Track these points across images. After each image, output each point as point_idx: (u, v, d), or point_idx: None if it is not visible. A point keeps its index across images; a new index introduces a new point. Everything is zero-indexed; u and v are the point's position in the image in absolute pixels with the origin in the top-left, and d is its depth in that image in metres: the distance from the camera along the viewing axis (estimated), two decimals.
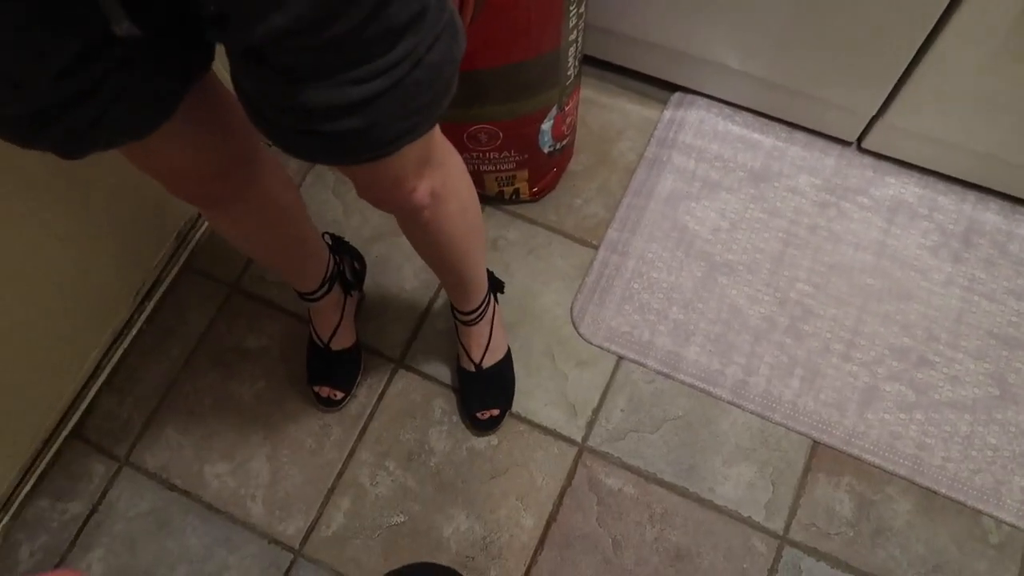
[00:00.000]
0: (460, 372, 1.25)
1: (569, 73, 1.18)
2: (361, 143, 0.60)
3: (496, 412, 1.23)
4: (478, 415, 1.23)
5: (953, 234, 1.33)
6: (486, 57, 1.06)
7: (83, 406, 1.30)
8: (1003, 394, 1.23)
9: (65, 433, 1.28)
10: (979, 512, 1.16)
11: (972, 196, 1.35)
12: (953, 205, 1.35)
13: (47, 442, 1.26)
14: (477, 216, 0.96)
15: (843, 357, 1.26)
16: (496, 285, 1.23)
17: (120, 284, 1.31)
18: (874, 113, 1.28)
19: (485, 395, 1.24)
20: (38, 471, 1.25)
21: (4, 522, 1.22)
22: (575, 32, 1.11)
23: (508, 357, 1.26)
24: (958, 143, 1.27)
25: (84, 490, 1.25)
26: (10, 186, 1.02)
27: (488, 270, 1.19)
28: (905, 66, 1.16)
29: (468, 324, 1.19)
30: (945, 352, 1.26)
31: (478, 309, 1.16)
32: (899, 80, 1.20)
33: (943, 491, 1.17)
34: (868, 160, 1.39)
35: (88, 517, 1.23)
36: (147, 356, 1.33)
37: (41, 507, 1.24)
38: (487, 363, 1.22)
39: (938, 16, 1.06)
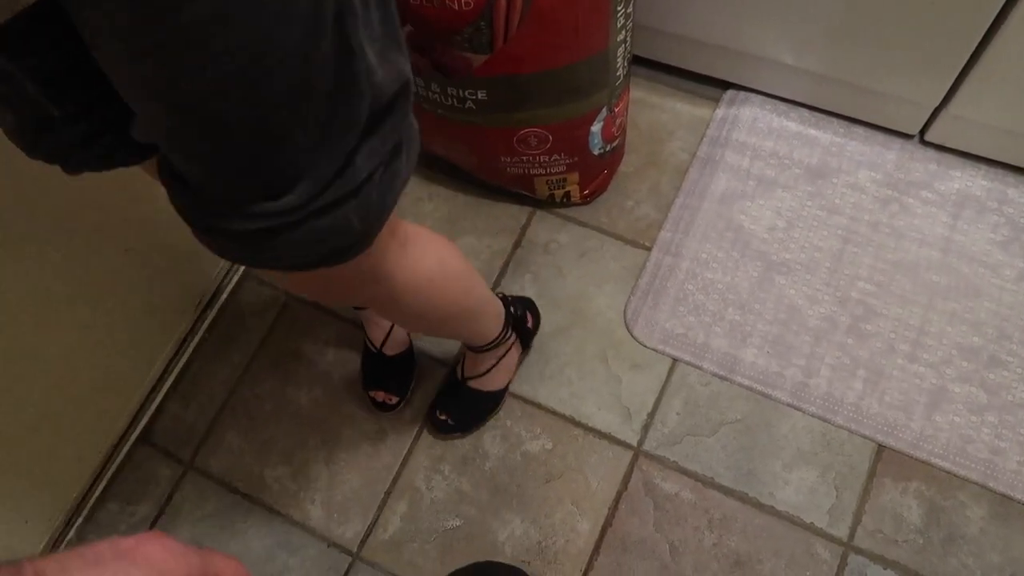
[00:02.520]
0: (449, 373, 1.27)
1: (618, 74, 1.17)
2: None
3: (452, 423, 1.24)
4: (437, 413, 1.24)
5: None
6: (533, 61, 1.06)
7: (150, 412, 1.34)
8: None
9: (133, 438, 1.32)
10: None
11: None
12: (1023, 197, 1.29)
13: (116, 447, 1.31)
14: (452, 297, 0.90)
15: (909, 358, 1.22)
16: (524, 334, 1.22)
17: (183, 293, 1.35)
18: (937, 104, 1.24)
19: (455, 405, 1.24)
20: (108, 475, 1.30)
21: (78, 524, 1.27)
22: (623, 32, 1.11)
23: (496, 396, 1.24)
24: None
25: (151, 493, 1.29)
26: (82, 202, 1.06)
27: (522, 317, 1.19)
28: (970, 53, 1.12)
29: (472, 349, 1.18)
30: (1018, 351, 1.20)
31: (485, 347, 1.15)
32: (963, 68, 1.15)
33: (1019, 497, 1.12)
34: (931, 153, 1.34)
35: (156, 519, 1.27)
36: (210, 363, 1.37)
37: (111, 510, 1.29)
38: (474, 385, 1.22)
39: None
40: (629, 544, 1.17)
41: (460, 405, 1.24)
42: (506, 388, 1.25)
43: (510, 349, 1.20)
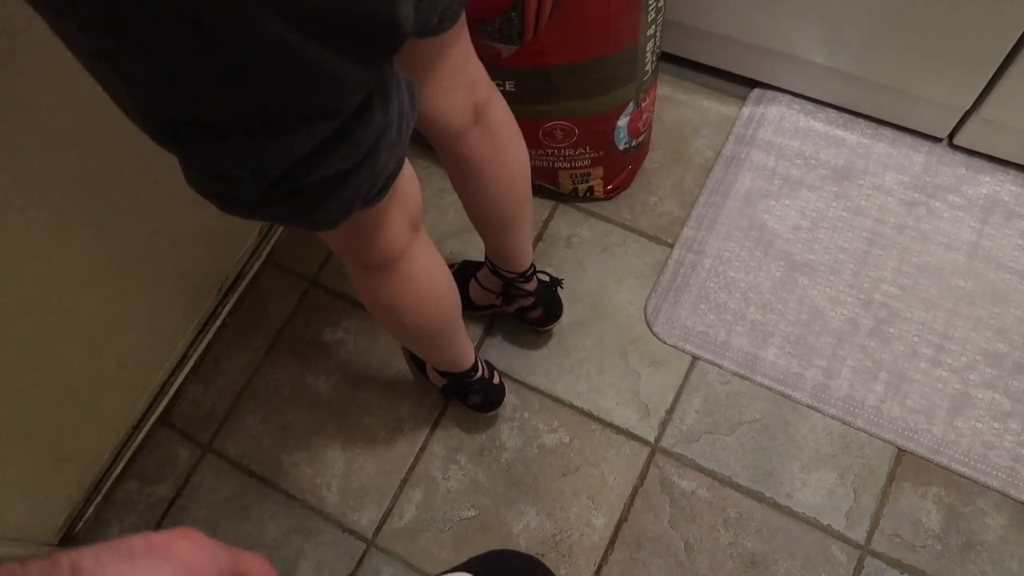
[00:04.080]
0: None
1: (647, 68, 1.17)
2: None
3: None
4: None
5: None
6: (563, 53, 1.06)
7: (170, 393, 1.35)
8: None
9: (153, 419, 1.33)
10: None
11: None
12: None
13: (137, 427, 1.32)
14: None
15: (932, 362, 1.21)
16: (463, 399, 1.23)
17: (205, 277, 1.35)
18: (968, 107, 1.23)
19: None
20: (128, 455, 1.31)
21: (97, 502, 1.28)
22: (653, 27, 1.10)
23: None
24: None
25: (170, 474, 1.30)
26: (111, 181, 1.07)
27: (463, 392, 1.20)
28: (1004, 56, 1.11)
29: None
30: None
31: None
32: (996, 71, 1.14)
33: None
34: (960, 157, 1.33)
35: (173, 500, 1.28)
36: (230, 347, 1.38)
37: (130, 489, 1.30)
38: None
39: None
40: (644, 540, 1.17)
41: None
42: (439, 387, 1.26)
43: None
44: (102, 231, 1.10)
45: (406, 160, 0.72)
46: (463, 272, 1.28)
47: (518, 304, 1.23)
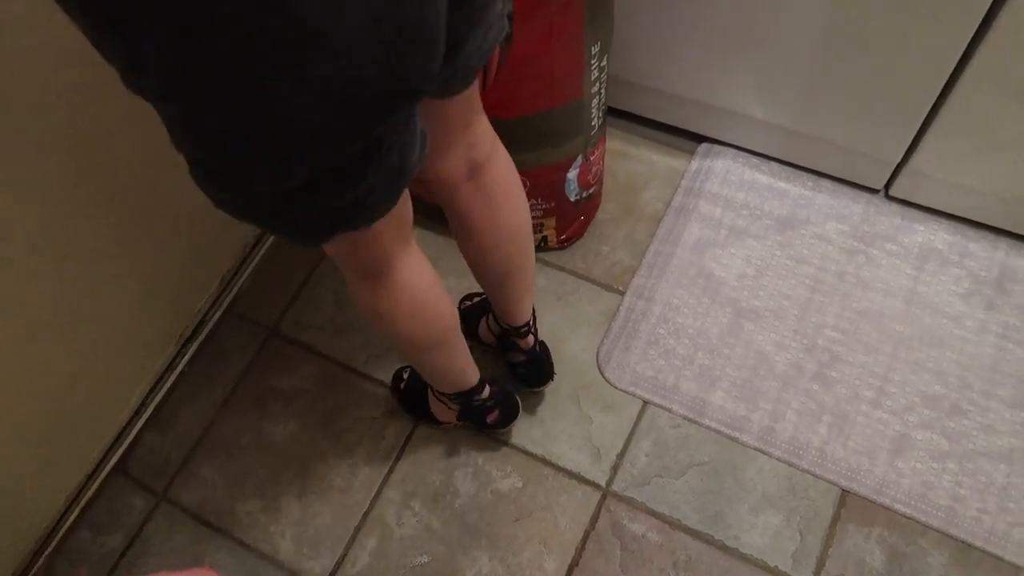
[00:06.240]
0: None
1: (593, 123, 1.22)
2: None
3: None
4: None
5: (986, 281, 1.32)
6: (510, 107, 1.11)
7: (127, 441, 1.36)
8: None
9: (109, 467, 1.33)
10: (1018, 568, 1.12)
11: (1004, 243, 1.34)
12: (985, 252, 1.34)
13: (91, 475, 1.32)
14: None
15: (873, 404, 1.24)
16: (480, 422, 1.24)
17: (165, 325, 1.37)
18: (899, 160, 1.29)
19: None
20: (82, 503, 1.31)
21: (48, 551, 1.27)
22: (598, 84, 1.16)
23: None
24: (986, 189, 1.27)
25: (124, 523, 1.29)
26: (70, 223, 1.10)
27: (480, 410, 1.21)
28: (927, 111, 1.18)
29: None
30: (979, 400, 1.23)
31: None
32: (922, 125, 1.21)
33: (979, 544, 1.13)
34: (896, 207, 1.39)
35: (125, 551, 1.27)
36: (189, 395, 1.39)
37: (83, 538, 1.29)
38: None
39: (957, 59, 1.08)
40: None
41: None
42: (444, 420, 1.28)
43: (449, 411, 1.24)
44: (61, 275, 1.12)
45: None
46: (483, 305, 1.30)
47: (511, 356, 1.26)
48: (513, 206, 0.97)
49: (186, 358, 1.41)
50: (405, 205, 0.82)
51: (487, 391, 1.18)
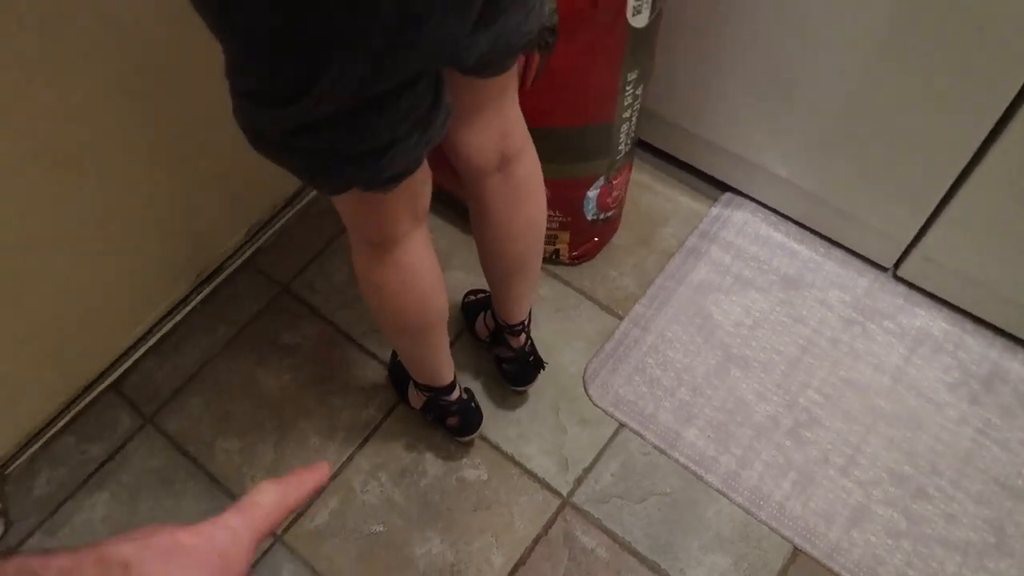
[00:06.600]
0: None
1: (620, 148, 1.28)
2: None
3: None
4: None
5: (975, 375, 1.33)
6: (541, 116, 1.16)
7: (128, 363, 1.42)
8: (999, 543, 1.20)
9: (106, 384, 1.40)
10: None
11: (1000, 343, 1.36)
12: (980, 348, 1.36)
13: (88, 387, 1.38)
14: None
15: (840, 471, 1.26)
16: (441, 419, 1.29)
17: (186, 261, 1.45)
18: (910, 240, 1.33)
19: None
20: (74, 411, 1.37)
21: (33, 449, 1.34)
22: (630, 111, 1.22)
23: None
24: (992, 285, 1.29)
25: (108, 437, 1.36)
26: (116, 143, 1.18)
27: (442, 412, 1.26)
28: (941, 195, 1.21)
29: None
30: (946, 488, 1.24)
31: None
32: (935, 208, 1.24)
33: None
34: (901, 288, 1.42)
35: (104, 462, 1.33)
36: (194, 332, 1.46)
37: (67, 443, 1.35)
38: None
39: (973, 151, 1.12)
40: None
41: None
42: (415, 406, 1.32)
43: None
44: (102, 189, 1.20)
45: (425, 164, 0.82)
46: (486, 302, 1.35)
47: (500, 352, 1.30)
48: (535, 204, 1.02)
49: (200, 297, 1.48)
50: (423, 185, 0.88)
51: (455, 395, 1.23)
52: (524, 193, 1.00)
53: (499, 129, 0.92)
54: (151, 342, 1.44)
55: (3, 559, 0.27)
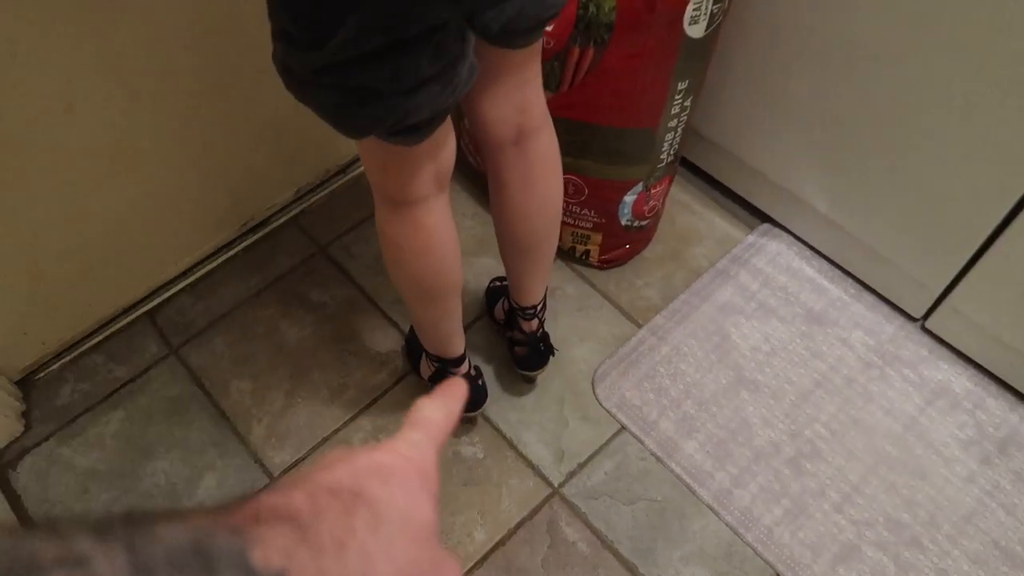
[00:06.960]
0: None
1: (662, 157, 1.30)
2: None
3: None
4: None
5: (991, 437, 1.30)
6: (588, 112, 1.21)
7: (165, 296, 1.49)
8: None
9: (142, 311, 1.47)
10: None
11: (1023, 410, 1.33)
12: (1000, 410, 1.33)
13: (125, 312, 1.46)
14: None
15: (835, 507, 1.24)
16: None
17: (235, 210, 1.52)
18: (941, 291, 1.31)
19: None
20: (108, 331, 1.45)
21: (64, 361, 1.41)
22: (676, 121, 1.24)
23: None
24: (1019, 348, 1.27)
25: (134, 361, 1.42)
26: (180, 83, 1.26)
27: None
28: (976, 248, 1.20)
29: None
30: (942, 543, 1.21)
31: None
32: (969, 261, 1.23)
33: None
34: (927, 340, 1.40)
35: (126, 383, 1.40)
36: (231, 276, 1.52)
37: (96, 361, 1.42)
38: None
39: (1010, 206, 1.11)
40: (513, 569, 1.21)
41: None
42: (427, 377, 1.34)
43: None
44: (165, 128, 1.28)
45: (449, 125, 0.85)
46: (507, 289, 1.36)
47: (512, 335, 1.33)
48: (550, 181, 1.05)
49: (243, 245, 1.55)
50: (446, 146, 0.90)
51: (463, 368, 1.25)
52: (539, 170, 1.03)
53: (518, 102, 0.95)
54: (190, 279, 1.51)
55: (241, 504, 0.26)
